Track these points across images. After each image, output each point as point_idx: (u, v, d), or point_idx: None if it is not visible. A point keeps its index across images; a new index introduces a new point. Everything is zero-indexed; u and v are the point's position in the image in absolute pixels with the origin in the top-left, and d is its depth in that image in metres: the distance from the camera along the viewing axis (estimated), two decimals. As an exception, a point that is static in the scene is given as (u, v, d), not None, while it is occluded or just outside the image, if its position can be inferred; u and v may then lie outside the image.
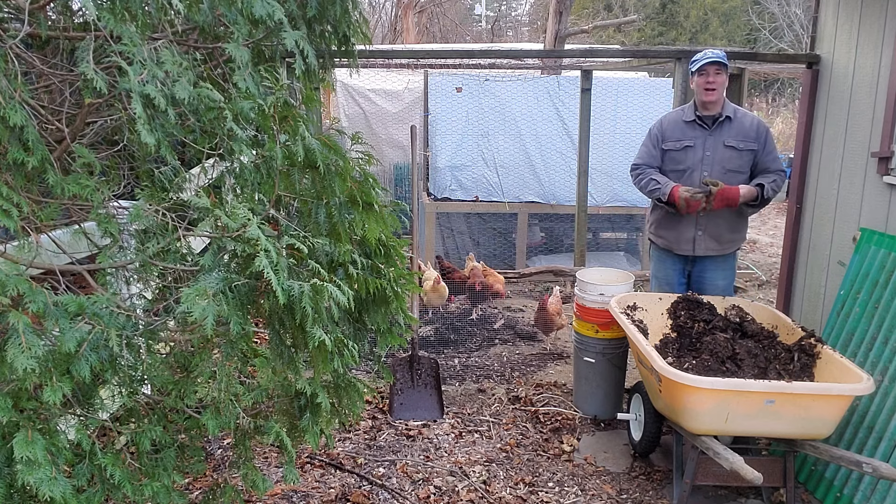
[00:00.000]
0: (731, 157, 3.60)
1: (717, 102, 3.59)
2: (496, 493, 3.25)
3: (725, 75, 3.56)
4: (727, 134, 3.61)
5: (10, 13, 1.88)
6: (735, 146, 3.59)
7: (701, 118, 3.64)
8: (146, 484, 1.82)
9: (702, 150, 3.64)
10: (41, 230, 1.87)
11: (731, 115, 3.62)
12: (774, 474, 3.00)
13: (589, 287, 3.96)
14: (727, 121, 3.62)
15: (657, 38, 23.02)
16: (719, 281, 3.76)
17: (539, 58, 7.57)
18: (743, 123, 3.62)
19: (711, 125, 3.63)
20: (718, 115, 3.61)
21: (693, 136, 3.67)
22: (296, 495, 3.18)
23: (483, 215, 7.79)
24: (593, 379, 4.03)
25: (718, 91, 3.55)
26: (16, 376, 1.45)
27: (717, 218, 3.64)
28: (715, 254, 3.73)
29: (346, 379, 2.27)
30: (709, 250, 3.71)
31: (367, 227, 2.10)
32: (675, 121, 3.76)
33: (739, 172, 3.61)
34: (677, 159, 3.70)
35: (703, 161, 3.63)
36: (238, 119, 1.75)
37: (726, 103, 3.65)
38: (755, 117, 3.71)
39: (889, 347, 3.11)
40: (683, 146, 3.68)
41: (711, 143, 3.62)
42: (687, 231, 3.71)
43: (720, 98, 3.59)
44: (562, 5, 10.03)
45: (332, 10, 2.16)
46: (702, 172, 3.62)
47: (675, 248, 3.79)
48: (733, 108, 3.67)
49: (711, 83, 3.52)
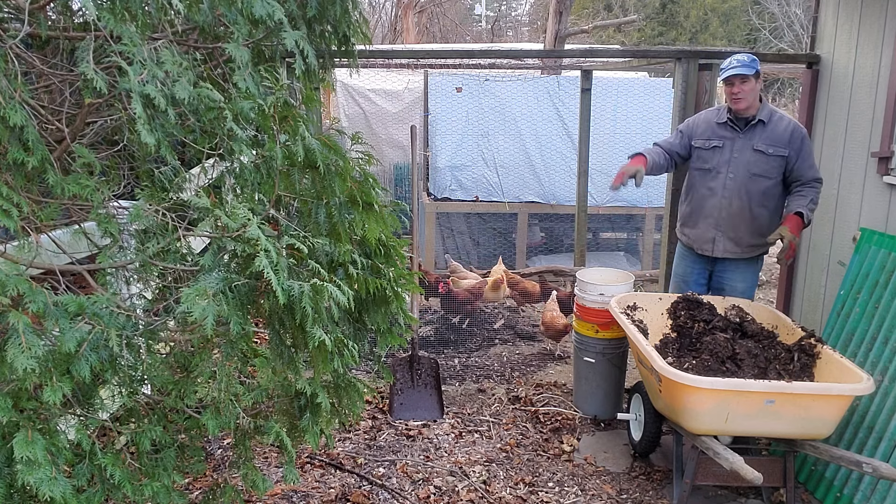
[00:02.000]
0: (757, 160, 3.55)
1: (748, 108, 3.55)
2: (496, 493, 3.25)
3: (754, 81, 3.49)
4: (758, 138, 3.56)
5: (10, 13, 1.88)
6: (764, 150, 3.54)
7: (733, 120, 3.62)
8: (146, 484, 1.82)
9: (729, 152, 3.61)
10: (41, 230, 1.87)
11: (764, 119, 3.56)
12: (774, 474, 3.00)
13: (589, 287, 3.95)
14: (760, 125, 3.57)
15: (657, 38, 23.02)
16: (738, 284, 3.72)
17: (539, 58, 7.57)
18: (777, 128, 3.56)
19: (743, 128, 3.60)
20: (751, 119, 3.57)
21: (722, 137, 3.65)
22: (296, 495, 3.18)
23: (483, 215, 7.79)
24: (593, 379, 4.03)
25: (746, 99, 3.51)
26: (16, 376, 1.45)
27: (738, 221, 3.60)
28: (734, 257, 3.68)
29: (346, 379, 2.27)
30: (727, 252, 3.67)
31: (367, 227, 2.10)
32: (708, 120, 3.76)
33: (766, 177, 3.55)
34: (704, 158, 3.69)
35: (730, 163, 3.60)
36: (238, 119, 1.75)
37: (763, 106, 3.59)
38: (792, 122, 3.61)
39: (889, 347, 3.11)
40: (712, 146, 3.66)
41: (740, 145, 3.59)
42: (707, 231, 3.69)
43: (751, 104, 3.54)
44: (562, 5, 10.03)
45: (332, 10, 2.16)
46: (727, 174, 3.60)
47: (695, 246, 3.78)
48: (769, 112, 3.60)
49: (737, 93, 3.50)
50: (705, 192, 3.68)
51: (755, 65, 3.48)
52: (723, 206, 3.62)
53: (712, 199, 3.65)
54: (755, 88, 3.52)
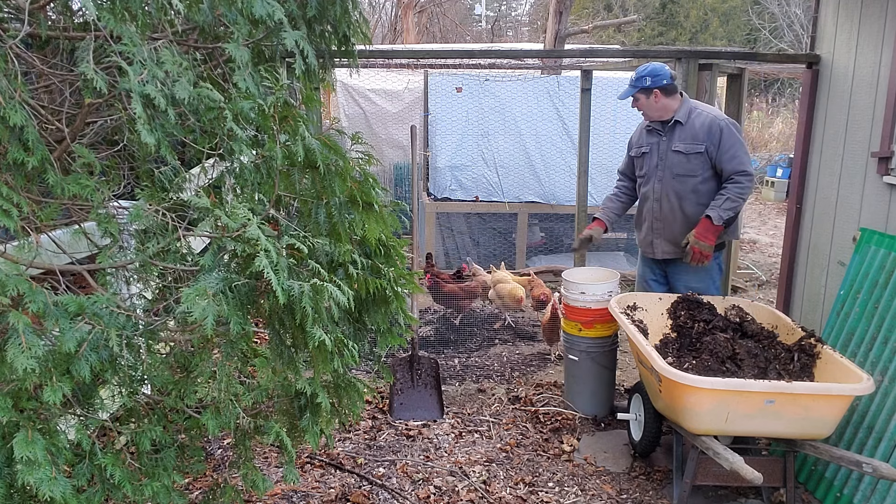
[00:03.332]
0: (679, 161, 3.62)
1: (660, 116, 3.65)
2: (496, 493, 3.25)
3: (644, 96, 3.62)
4: (676, 139, 3.63)
5: (10, 13, 1.88)
6: (682, 150, 3.60)
7: (654, 124, 3.73)
8: (146, 484, 1.82)
9: (656, 156, 3.72)
10: (41, 230, 1.87)
11: (681, 120, 3.61)
12: (774, 474, 3.00)
13: (571, 286, 4.01)
14: (677, 125, 3.63)
15: (657, 38, 23.02)
16: (693, 283, 3.74)
17: (539, 58, 7.56)
18: (693, 126, 3.59)
19: (664, 130, 3.68)
20: (669, 121, 3.65)
21: (650, 143, 3.76)
22: (296, 495, 3.18)
23: (483, 215, 7.79)
24: (579, 376, 4.08)
25: (647, 111, 3.66)
26: (16, 376, 1.45)
27: (671, 222, 3.68)
28: (674, 257, 3.75)
29: (346, 379, 2.27)
30: (666, 254, 3.76)
31: (367, 227, 2.10)
32: (641, 127, 3.90)
33: (690, 176, 3.60)
34: (639, 165, 3.85)
35: (657, 167, 3.70)
36: (238, 119, 1.75)
37: (682, 107, 3.63)
38: (710, 117, 3.57)
39: (889, 347, 3.11)
40: (642, 153, 3.81)
41: (664, 148, 3.68)
42: (647, 234, 3.81)
43: (655, 114, 3.65)
44: (562, 5, 10.03)
45: (332, 10, 2.17)
46: (656, 178, 3.70)
47: (643, 250, 3.93)
48: (687, 111, 3.62)
49: (638, 109, 3.69)
50: (642, 197, 3.84)
51: (641, 82, 3.61)
52: (654, 210, 3.73)
53: (646, 203, 3.79)
54: (651, 101, 3.63)
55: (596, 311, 3.92)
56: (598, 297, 3.90)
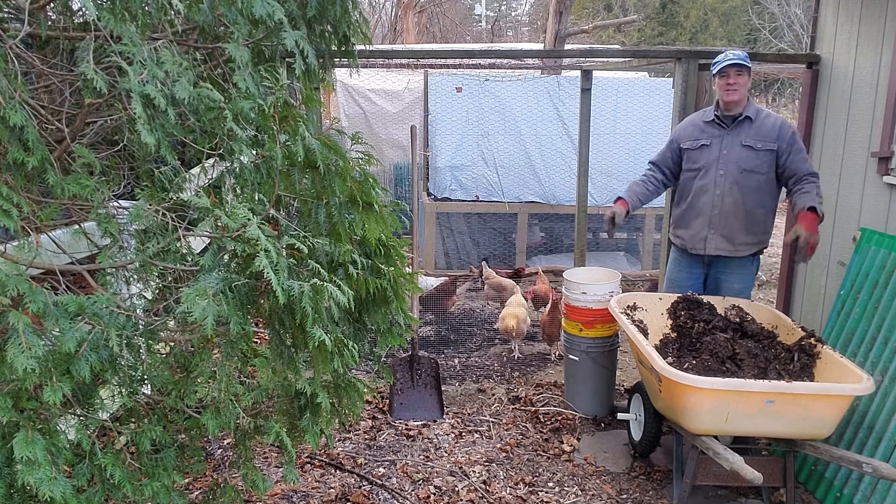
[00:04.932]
0: (747, 156, 3.56)
1: (738, 102, 3.56)
2: (496, 493, 3.25)
3: (747, 76, 3.54)
4: (746, 134, 3.58)
5: (10, 13, 1.88)
6: (752, 146, 3.55)
7: (720, 118, 3.64)
8: (146, 484, 1.82)
9: (718, 149, 3.62)
10: (41, 230, 1.87)
11: (751, 116, 3.58)
12: (774, 474, 3.00)
13: (573, 286, 4.01)
14: (747, 121, 3.58)
15: (657, 38, 23.02)
16: (734, 284, 3.71)
17: (539, 58, 7.56)
18: (765, 124, 3.58)
19: (730, 125, 3.61)
20: (738, 115, 3.59)
21: (710, 135, 3.66)
22: (296, 495, 3.18)
23: (483, 215, 7.79)
24: (579, 377, 4.08)
25: (740, 91, 3.53)
26: (16, 376, 1.45)
27: (731, 217, 3.61)
28: (727, 255, 3.67)
29: (346, 379, 2.27)
30: (720, 250, 3.66)
31: (367, 227, 2.10)
32: (694, 121, 3.79)
33: (757, 172, 3.56)
34: (693, 157, 3.71)
35: (720, 159, 3.61)
36: (238, 119, 1.75)
37: (749, 104, 3.61)
38: (780, 119, 3.64)
39: (889, 347, 3.11)
40: (700, 145, 3.68)
41: (728, 141, 3.60)
42: (701, 230, 3.69)
43: (742, 98, 3.57)
44: (562, 5, 10.03)
45: (332, 10, 2.17)
46: (717, 171, 3.60)
47: (689, 246, 3.78)
48: (756, 110, 3.63)
49: (732, 84, 3.51)
50: (697, 190, 3.70)
51: (748, 61, 3.53)
52: (715, 203, 3.62)
53: (704, 196, 3.66)
54: (748, 83, 3.56)
55: (597, 311, 3.92)
56: (600, 297, 3.90)
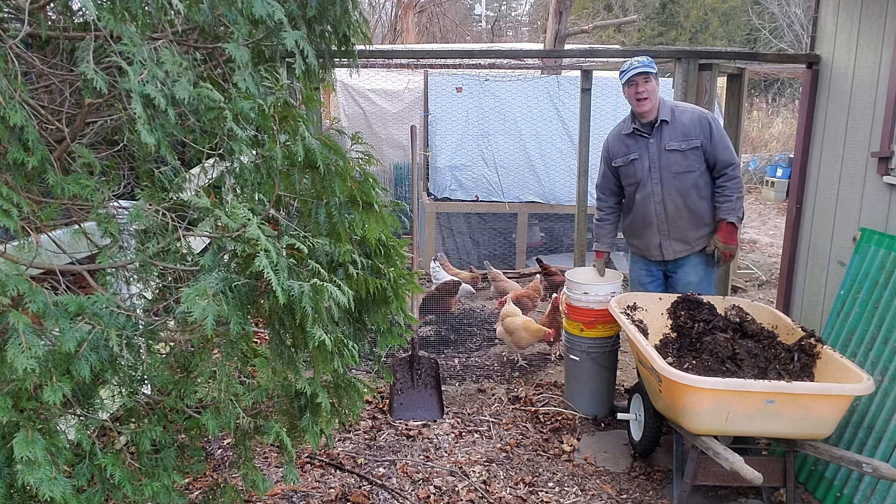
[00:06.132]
0: (676, 160, 3.60)
1: (651, 110, 3.59)
2: (496, 493, 3.25)
3: (655, 82, 3.56)
4: (667, 137, 3.60)
5: (10, 13, 1.88)
6: (678, 148, 3.58)
7: (638, 128, 3.67)
8: (146, 484, 1.82)
9: (647, 160, 3.66)
10: (41, 230, 1.87)
11: (667, 118, 3.59)
12: (774, 474, 3.00)
13: (574, 286, 4.00)
14: (664, 124, 3.60)
15: (657, 38, 23.01)
16: (691, 277, 3.78)
17: (539, 58, 7.56)
18: (682, 122, 3.59)
19: (651, 132, 3.63)
20: (654, 121, 3.61)
21: (636, 148, 3.70)
22: (296, 495, 3.18)
23: (483, 215, 7.79)
24: (579, 377, 4.08)
25: (651, 99, 3.56)
26: (16, 376, 1.45)
27: (678, 221, 3.68)
28: (687, 254, 3.75)
29: (346, 379, 2.27)
30: (678, 253, 3.75)
31: (367, 227, 2.10)
32: (617, 136, 3.82)
33: (690, 172, 3.60)
34: (628, 174, 3.76)
35: (651, 170, 3.66)
36: (238, 119, 1.75)
37: (662, 106, 3.62)
38: (697, 111, 3.65)
39: (889, 347, 3.11)
40: (630, 160, 3.72)
41: (655, 149, 3.63)
42: (653, 238, 3.77)
43: (654, 105, 3.59)
44: (562, 5, 10.03)
45: (332, 10, 2.17)
46: (652, 181, 3.65)
47: (647, 254, 3.87)
48: (670, 109, 3.63)
49: (642, 93, 3.54)
50: (639, 202, 3.75)
51: (654, 66, 3.55)
52: (658, 212, 3.69)
53: (646, 207, 3.72)
54: (657, 89, 3.58)
55: (598, 311, 3.91)
56: (601, 297, 3.90)
